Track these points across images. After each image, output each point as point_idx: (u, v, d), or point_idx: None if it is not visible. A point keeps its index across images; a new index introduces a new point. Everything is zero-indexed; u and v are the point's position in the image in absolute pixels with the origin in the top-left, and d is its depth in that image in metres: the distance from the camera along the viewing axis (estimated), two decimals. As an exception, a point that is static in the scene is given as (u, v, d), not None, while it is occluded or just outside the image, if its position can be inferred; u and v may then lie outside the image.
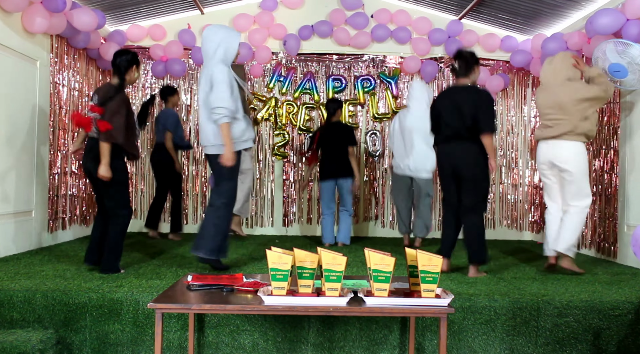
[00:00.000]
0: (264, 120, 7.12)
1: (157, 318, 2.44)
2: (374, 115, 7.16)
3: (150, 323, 3.30)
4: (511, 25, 6.84)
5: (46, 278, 3.75)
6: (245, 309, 2.50)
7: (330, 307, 2.44)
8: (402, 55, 7.13)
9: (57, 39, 5.69)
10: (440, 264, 2.47)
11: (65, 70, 5.89)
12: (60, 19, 5.21)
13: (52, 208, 5.64)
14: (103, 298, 3.33)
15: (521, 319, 3.36)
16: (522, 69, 7.05)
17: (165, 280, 3.76)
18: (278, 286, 2.48)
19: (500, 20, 6.78)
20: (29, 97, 5.23)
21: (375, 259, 2.46)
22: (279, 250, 2.51)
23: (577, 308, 3.37)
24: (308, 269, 2.49)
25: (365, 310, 2.49)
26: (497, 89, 7.01)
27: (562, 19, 6.26)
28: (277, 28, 7.01)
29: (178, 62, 6.89)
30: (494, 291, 3.61)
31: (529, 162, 7.17)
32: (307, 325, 3.34)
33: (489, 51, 7.06)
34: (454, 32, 6.99)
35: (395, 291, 2.64)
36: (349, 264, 4.46)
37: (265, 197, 7.17)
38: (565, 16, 6.18)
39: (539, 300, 3.40)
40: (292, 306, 2.44)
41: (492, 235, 7.07)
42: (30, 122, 5.24)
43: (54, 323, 3.32)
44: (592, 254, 5.66)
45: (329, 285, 2.47)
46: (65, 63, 5.90)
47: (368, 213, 7.21)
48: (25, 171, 5.14)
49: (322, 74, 7.20)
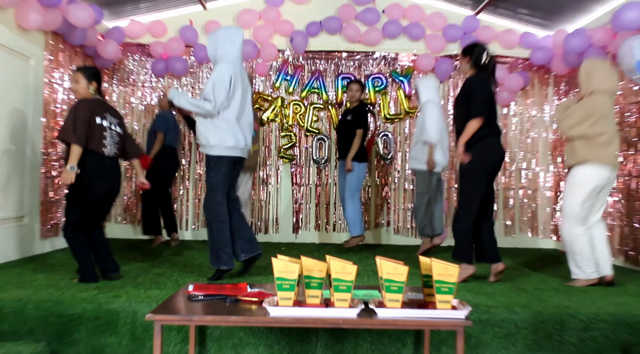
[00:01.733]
0: (270, 121, 7.12)
1: (156, 330, 2.43)
2: (385, 116, 7.14)
3: (148, 335, 3.29)
4: (531, 20, 6.82)
5: (39, 288, 3.75)
6: (250, 321, 2.49)
7: (339, 319, 2.42)
8: (416, 52, 7.12)
9: (52, 35, 5.71)
10: (457, 273, 2.44)
11: (60, 68, 5.91)
12: (55, 14, 5.23)
13: (45, 214, 5.64)
14: (99, 309, 3.32)
15: (543, 333, 3.33)
16: (543, 66, 7.01)
17: (165, 290, 3.76)
18: (284, 296, 2.46)
19: (519, 15, 6.75)
20: (22, 96, 5.25)
21: (387, 268, 2.45)
22: (285, 258, 2.49)
23: (605, 322, 3.33)
24: (316, 278, 2.48)
25: (377, 322, 2.47)
26: (516, 88, 6.98)
27: (586, 13, 6.23)
28: (283, 24, 7.02)
29: (179, 60, 6.91)
30: (514, 302, 3.58)
31: (550, 165, 7.13)
32: (315, 338, 3.32)
33: (507, 48, 7.04)
34: (470, 28, 6.97)
35: (408, 302, 2.62)
36: (360, 273, 4.45)
37: (271, 203, 7.16)
38: (589, 10, 6.14)
39: (563, 313, 3.36)
40: (299, 318, 2.42)
41: (511, 243, 7.03)
42: (22, 123, 5.26)
43: (46, 336, 3.31)
44: (620, 264, 5.60)
45: (339, 296, 2.46)
46: (61, 61, 5.92)
47: (379, 219, 7.19)
48: (16, 175, 5.15)
49: (331, 73, 7.20)
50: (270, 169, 7.16)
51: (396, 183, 7.19)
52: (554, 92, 7.17)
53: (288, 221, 7.18)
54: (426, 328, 3.08)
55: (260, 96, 7.09)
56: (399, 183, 7.17)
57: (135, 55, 7.08)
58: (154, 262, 5.02)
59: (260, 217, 7.15)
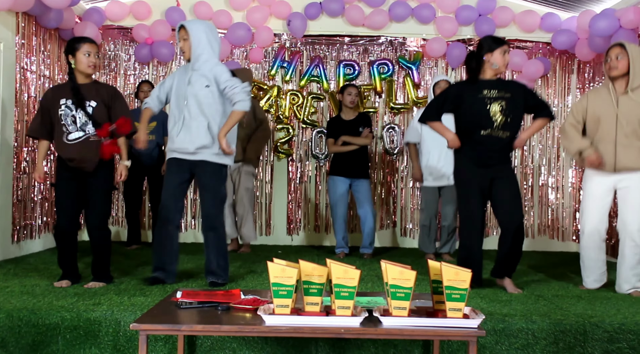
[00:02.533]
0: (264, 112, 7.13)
1: (141, 341, 2.45)
2: (390, 106, 7.16)
3: (133, 346, 3.31)
4: (553, 0, 6.82)
5: (11, 295, 3.77)
6: (244, 331, 2.52)
7: (341, 328, 2.45)
8: (425, 37, 7.13)
9: (24, 17, 5.73)
10: (469, 278, 2.47)
11: (33, 53, 5.93)
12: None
13: (18, 214, 5.67)
14: (78, 318, 3.34)
15: (564, 345, 3.35)
16: (566, 52, 7.02)
17: (151, 297, 3.78)
18: (281, 303, 2.48)
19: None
20: (-8, 85, 5.28)
21: (393, 273, 2.47)
22: (282, 262, 2.52)
23: (632, 332, 3.35)
24: (316, 284, 2.50)
25: (381, 332, 2.48)
26: (535, 75, 6.99)
27: (614, -9, 6.23)
28: (279, 6, 7.01)
29: (165, 45, 6.92)
30: (532, 311, 3.60)
31: (572, 161, 7.15)
32: (315, 349, 3.34)
33: (527, 31, 7.05)
34: (485, 9, 6.97)
35: (416, 310, 2.64)
36: (363, 278, 4.47)
37: (266, 202, 7.18)
38: (618, -12, 6.14)
39: (586, 322, 3.39)
40: (297, 327, 2.45)
41: (530, 245, 7.06)
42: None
43: (20, 348, 3.33)
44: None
45: (340, 303, 2.48)
46: (34, 45, 5.95)
47: (385, 220, 7.21)
48: (-12, 171, 5.18)
49: (332, 59, 7.21)
50: (264, 165, 7.18)
51: (403, 181, 7.21)
52: (577, 81, 7.18)
53: (284, 222, 7.21)
54: (435, 338, 3.11)
55: (255, 84, 7.10)
56: (405, 180, 7.19)
57: (117, 40, 7.10)
58: (139, 267, 5.05)
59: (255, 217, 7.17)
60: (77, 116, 4.13)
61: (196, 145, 4.17)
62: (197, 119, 4.17)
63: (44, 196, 6.14)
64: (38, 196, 6.03)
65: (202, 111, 4.18)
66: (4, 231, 5.48)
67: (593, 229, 4.41)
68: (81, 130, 4.13)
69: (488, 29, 6.87)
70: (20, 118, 5.69)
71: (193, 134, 4.17)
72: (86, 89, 4.18)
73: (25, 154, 5.76)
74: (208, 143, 4.18)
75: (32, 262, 5.26)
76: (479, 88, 4.27)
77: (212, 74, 4.19)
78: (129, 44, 7.10)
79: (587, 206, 4.44)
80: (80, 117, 4.12)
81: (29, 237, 5.87)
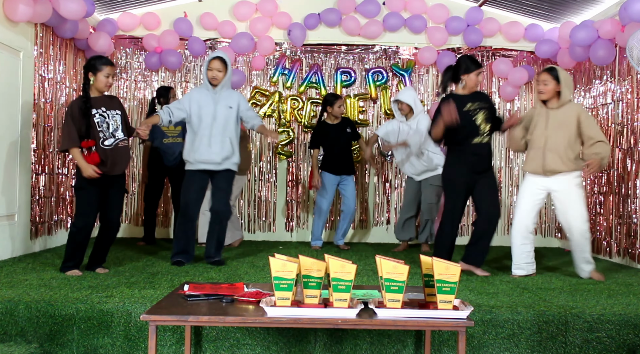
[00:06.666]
0: (267, 116, 7.13)
1: (151, 331, 2.45)
2: (385, 111, 7.16)
3: (143, 336, 3.31)
4: (536, 12, 6.83)
5: (30, 288, 3.77)
6: (247, 322, 2.51)
7: (338, 319, 2.44)
8: (417, 45, 7.13)
9: (42, 28, 5.72)
10: (459, 272, 2.47)
11: (51, 62, 5.92)
12: (45, 6, 5.24)
13: (37, 211, 5.67)
14: (92, 309, 3.34)
15: (547, 334, 3.35)
16: (549, 60, 7.02)
17: (160, 290, 3.77)
18: (282, 296, 2.48)
19: (524, 7, 6.76)
20: (11, 91, 5.26)
21: (387, 268, 2.47)
22: (283, 257, 2.52)
23: (610, 322, 3.35)
24: (315, 278, 2.50)
25: (376, 323, 2.49)
26: (520, 82, 6.99)
27: (593, 4, 6.24)
28: (280, 16, 7.02)
29: (173, 54, 6.91)
30: (517, 302, 3.60)
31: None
32: (314, 339, 3.35)
33: (512, 41, 7.06)
34: (473, 20, 6.98)
35: (409, 302, 2.65)
36: (359, 272, 4.47)
37: (267, 200, 7.18)
38: (597, 2, 6.15)
39: (567, 313, 3.39)
40: (297, 318, 2.45)
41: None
42: (13, 118, 5.27)
43: (38, 337, 3.33)
44: (626, 263, 5.63)
45: (338, 295, 2.48)
46: (51, 54, 5.93)
47: (380, 217, 7.21)
48: (7, 171, 5.17)
49: (330, 67, 7.21)
50: (266, 165, 7.18)
51: (397, 181, 7.20)
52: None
53: (285, 219, 7.20)
54: (427, 329, 3.10)
55: (258, 90, 7.10)
56: (401, 180, 7.18)
57: (128, 49, 7.09)
58: (148, 262, 5.05)
59: (258, 215, 7.17)
60: (110, 123, 4.34)
61: (222, 157, 4.79)
62: (222, 134, 4.80)
63: (60, 196, 6.13)
64: (55, 196, 6.01)
65: (225, 128, 4.81)
66: (24, 228, 5.47)
67: (520, 222, 4.65)
68: (112, 136, 4.34)
69: (476, 38, 6.94)
70: (38, 122, 5.67)
71: (220, 147, 4.79)
72: (107, 100, 4.44)
73: (44, 156, 5.75)
74: (230, 154, 4.83)
75: (49, 257, 5.25)
76: (463, 103, 4.55)
77: (236, 100, 4.88)
78: (139, 53, 7.09)
79: (519, 201, 4.71)
80: (112, 124, 4.35)
81: (46, 233, 5.86)
